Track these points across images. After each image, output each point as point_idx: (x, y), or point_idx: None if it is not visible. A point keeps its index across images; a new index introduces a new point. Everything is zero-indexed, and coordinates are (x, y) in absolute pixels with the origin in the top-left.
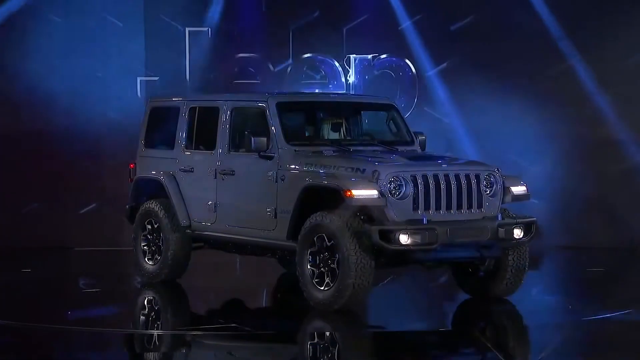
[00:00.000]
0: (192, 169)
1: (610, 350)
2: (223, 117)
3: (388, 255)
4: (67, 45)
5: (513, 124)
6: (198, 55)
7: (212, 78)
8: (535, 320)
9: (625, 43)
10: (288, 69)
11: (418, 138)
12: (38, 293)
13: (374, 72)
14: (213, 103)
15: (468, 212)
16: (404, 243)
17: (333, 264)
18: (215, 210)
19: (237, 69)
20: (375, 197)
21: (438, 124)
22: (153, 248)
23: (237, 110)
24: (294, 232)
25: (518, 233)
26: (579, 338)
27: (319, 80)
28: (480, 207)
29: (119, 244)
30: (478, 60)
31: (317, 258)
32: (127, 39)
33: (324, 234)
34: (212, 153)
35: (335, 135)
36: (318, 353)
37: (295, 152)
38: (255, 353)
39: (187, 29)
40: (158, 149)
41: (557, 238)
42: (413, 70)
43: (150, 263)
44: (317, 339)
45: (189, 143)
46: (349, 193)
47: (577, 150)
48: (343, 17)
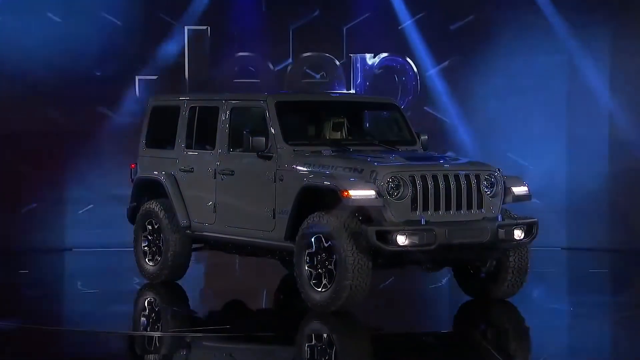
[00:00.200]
0: (192, 169)
1: (613, 353)
2: (222, 116)
3: (386, 256)
4: (65, 44)
5: (515, 123)
6: (197, 54)
7: (211, 77)
8: (537, 323)
9: (633, 40)
10: (288, 68)
11: (420, 138)
12: (35, 294)
13: (375, 71)
14: (213, 102)
15: (468, 212)
16: (402, 244)
17: (330, 265)
18: (215, 211)
19: (237, 68)
20: (373, 197)
21: (439, 124)
22: (153, 249)
23: (236, 110)
24: (292, 232)
25: (519, 234)
26: (581, 340)
27: (320, 80)
28: (481, 207)
29: (118, 245)
30: (479, 59)
31: (314, 259)
32: (125, 38)
33: (322, 235)
34: (211, 153)
35: (336, 135)
36: (316, 355)
37: (294, 151)
38: (253, 355)
39: (186, 28)
40: (158, 149)
41: (560, 239)
42: (414, 69)
43: (151, 264)
44: (315, 341)
45: (189, 143)
46: (346, 193)
47: (580, 150)
48: (343, 16)
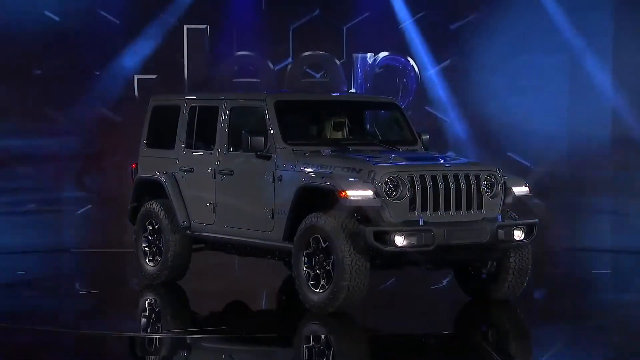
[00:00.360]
0: (191, 169)
1: (615, 354)
2: (222, 116)
3: (384, 257)
4: (64, 43)
5: (516, 123)
6: (196, 53)
7: (211, 76)
8: (538, 324)
9: (636, 38)
10: (288, 68)
11: (422, 138)
12: (33, 295)
13: (376, 70)
14: (212, 102)
15: (467, 213)
16: (400, 244)
17: (328, 266)
18: (215, 211)
19: (236, 68)
20: (371, 197)
21: (440, 123)
22: (154, 249)
23: (236, 110)
24: (290, 233)
25: (519, 234)
26: (583, 343)
27: (320, 79)
28: (480, 208)
29: (116, 246)
30: (480, 59)
31: (312, 260)
32: (124, 37)
33: (319, 236)
34: (211, 153)
35: (336, 135)
36: (315, 357)
37: (293, 151)
38: (253, 356)
39: (185, 27)
40: (159, 149)
41: (562, 240)
42: (415, 69)
43: (151, 264)
44: (315, 343)
45: (189, 143)
46: (344, 193)
47: (583, 150)
48: (343, 15)
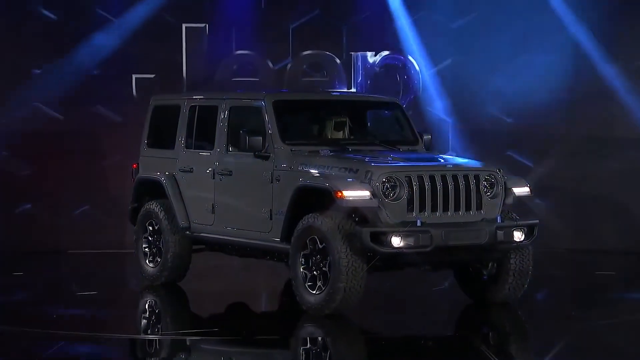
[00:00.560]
0: (191, 169)
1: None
2: (221, 115)
3: (381, 258)
4: (61, 42)
5: (518, 122)
6: (195, 52)
7: (209, 76)
8: (538, 327)
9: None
10: (288, 67)
11: (423, 137)
12: (30, 297)
13: (376, 69)
14: (212, 101)
15: (466, 214)
16: (397, 246)
17: (325, 267)
18: (214, 212)
19: (235, 67)
20: (367, 198)
21: (441, 123)
22: (154, 250)
23: (235, 109)
24: (288, 234)
25: (519, 236)
26: (585, 345)
27: (320, 79)
28: (480, 208)
29: (114, 247)
30: (481, 58)
31: (310, 261)
32: (122, 35)
33: (316, 236)
34: (210, 153)
35: (336, 135)
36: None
37: (292, 151)
38: (250, 358)
39: (183, 25)
40: (159, 149)
41: (565, 241)
42: (416, 68)
43: (151, 265)
44: (316, 345)
45: (189, 143)
46: (340, 194)
47: (586, 150)
48: (344, 14)
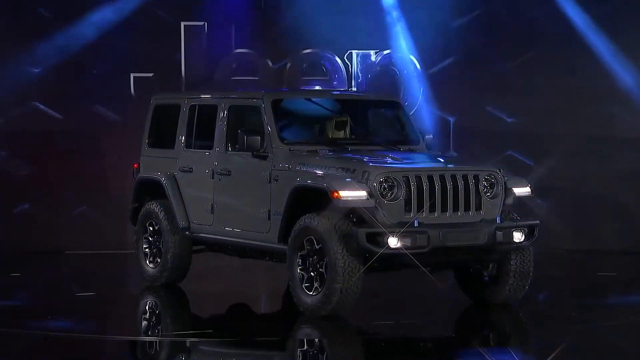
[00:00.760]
0: (191, 169)
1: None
2: (220, 115)
3: (377, 259)
4: (58, 41)
5: (520, 122)
6: (194, 51)
7: (208, 74)
8: (539, 328)
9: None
10: (287, 65)
11: (425, 137)
12: (27, 298)
13: (377, 68)
14: (211, 100)
15: (465, 214)
16: (393, 246)
17: (322, 268)
18: (213, 212)
19: (234, 65)
20: (364, 198)
21: (442, 122)
22: (154, 250)
23: (233, 108)
24: (285, 234)
25: (518, 236)
26: (586, 346)
27: (320, 77)
28: (479, 209)
29: (113, 247)
30: (483, 56)
31: (307, 262)
32: (120, 34)
33: (313, 237)
34: (209, 152)
35: (336, 134)
36: None
37: (290, 151)
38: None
39: (182, 24)
40: (160, 149)
41: (565, 241)
42: (417, 67)
43: (151, 266)
44: (316, 347)
45: (189, 142)
46: (336, 194)
47: (588, 150)
48: (344, 12)
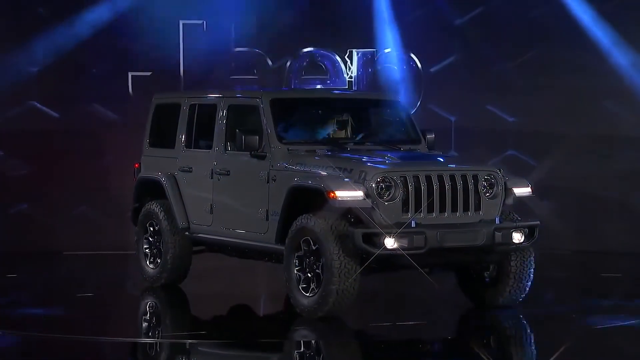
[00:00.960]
0: (190, 169)
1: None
2: (220, 114)
3: (374, 260)
4: (57, 40)
5: (521, 121)
6: (192, 50)
7: (207, 73)
8: (540, 330)
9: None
10: (287, 64)
11: (426, 137)
12: (25, 299)
13: (377, 67)
14: (211, 100)
15: (464, 214)
16: (390, 247)
17: (318, 269)
18: (212, 212)
19: (233, 64)
20: (360, 198)
21: (443, 122)
22: (154, 251)
23: (232, 108)
24: (283, 235)
25: (518, 237)
26: (588, 348)
27: (320, 76)
28: (478, 209)
29: (111, 248)
30: (484, 55)
31: (303, 262)
32: (118, 32)
33: (310, 238)
34: (209, 152)
35: (336, 134)
36: None
37: (289, 151)
38: None
39: (180, 22)
40: (161, 148)
41: (567, 242)
42: (418, 65)
43: (152, 266)
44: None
45: (189, 142)
46: (332, 194)
47: (591, 150)
48: (344, 10)
